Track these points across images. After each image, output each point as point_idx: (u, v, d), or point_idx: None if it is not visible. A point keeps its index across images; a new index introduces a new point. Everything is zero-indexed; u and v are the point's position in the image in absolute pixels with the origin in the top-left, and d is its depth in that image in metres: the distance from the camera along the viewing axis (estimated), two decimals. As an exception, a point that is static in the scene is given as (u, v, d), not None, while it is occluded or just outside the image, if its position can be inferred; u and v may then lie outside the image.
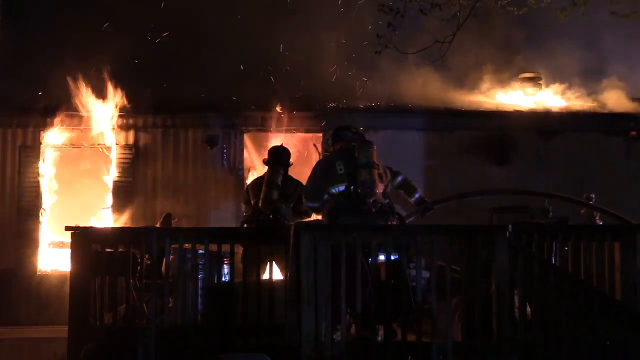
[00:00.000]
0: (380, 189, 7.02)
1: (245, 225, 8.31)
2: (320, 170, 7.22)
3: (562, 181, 11.11)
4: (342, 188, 7.03)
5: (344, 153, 7.21)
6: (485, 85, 13.06)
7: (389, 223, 7.07)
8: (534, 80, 13.08)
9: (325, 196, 7.08)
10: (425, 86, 12.22)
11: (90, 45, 11.21)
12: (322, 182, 7.12)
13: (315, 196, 7.16)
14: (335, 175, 7.07)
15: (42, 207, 11.18)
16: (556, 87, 13.16)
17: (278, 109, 11.22)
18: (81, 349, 6.64)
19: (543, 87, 13.13)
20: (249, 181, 10.70)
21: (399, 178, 7.67)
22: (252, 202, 8.38)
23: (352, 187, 7.00)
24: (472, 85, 13.01)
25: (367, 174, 6.94)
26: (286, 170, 8.41)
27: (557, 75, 13.23)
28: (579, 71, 13.10)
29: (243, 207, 8.71)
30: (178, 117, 11.42)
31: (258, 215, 8.24)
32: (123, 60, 11.17)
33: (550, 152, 11.60)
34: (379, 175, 7.10)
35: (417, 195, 7.78)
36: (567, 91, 13.06)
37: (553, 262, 7.20)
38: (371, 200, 6.97)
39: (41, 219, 11.14)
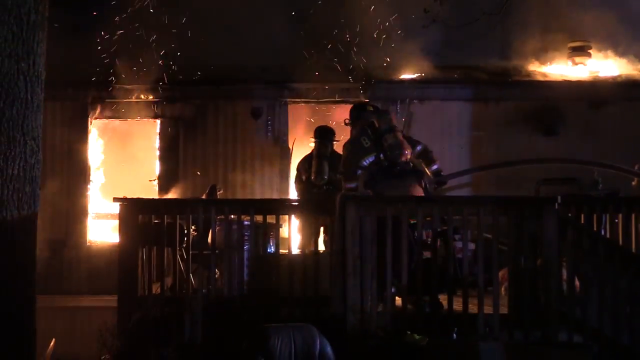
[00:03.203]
0: (408, 149, 7.24)
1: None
2: (350, 151, 7.45)
3: (612, 152, 10.88)
4: (372, 158, 7.27)
5: (365, 128, 7.46)
6: (532, 54, 12.79)
7: (424, 183, 7.32)
8: (583, 49, 12.75)
9: (359, 172, 7.25)
10: (471, 56, 12.03)
11: (134, 17, 11.23)
12: (353, 161, 7.33)
13: (351, 176, 7.30)
14: (362, 149, 7.31)
15: (91, 179, 11.36)
16: (606, 55, 12.82)
17: (322, 80, 11.16)
18: (130, 318, 6.77)
19: (592, 55, 12.82)
20: (293, 153, 10.80)
21: (419, 147, 7.69)
22: (304, 177, 8.58)
23: (381, 155, 7.24)
24: (520, 55, 12.75)
25: (392, 138, 7.22)
26: (332, 146, 8.81)
27: (607, 43, 12.88)
28: (630, 38, 12.74)
29: (296, 186, 8.93)
30: (223, 89, 11.45)
31: (312, 188, 8.45)
32: (166, 31, 11.18)
33: (600, 122, 11.35)
34: (405, 138, 7.36)
35: (435, 167, 7.76)
36: (617, 59, 12.72)
37: (603, 234, 7.08)
38: (403, 160, 7.20)
39: (90, 191, 11.33)
